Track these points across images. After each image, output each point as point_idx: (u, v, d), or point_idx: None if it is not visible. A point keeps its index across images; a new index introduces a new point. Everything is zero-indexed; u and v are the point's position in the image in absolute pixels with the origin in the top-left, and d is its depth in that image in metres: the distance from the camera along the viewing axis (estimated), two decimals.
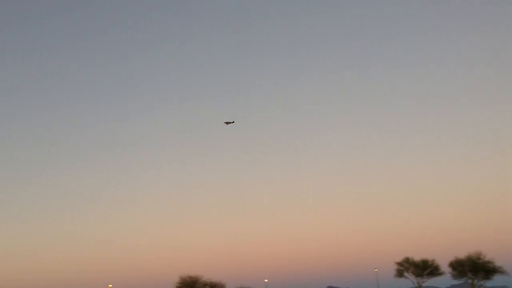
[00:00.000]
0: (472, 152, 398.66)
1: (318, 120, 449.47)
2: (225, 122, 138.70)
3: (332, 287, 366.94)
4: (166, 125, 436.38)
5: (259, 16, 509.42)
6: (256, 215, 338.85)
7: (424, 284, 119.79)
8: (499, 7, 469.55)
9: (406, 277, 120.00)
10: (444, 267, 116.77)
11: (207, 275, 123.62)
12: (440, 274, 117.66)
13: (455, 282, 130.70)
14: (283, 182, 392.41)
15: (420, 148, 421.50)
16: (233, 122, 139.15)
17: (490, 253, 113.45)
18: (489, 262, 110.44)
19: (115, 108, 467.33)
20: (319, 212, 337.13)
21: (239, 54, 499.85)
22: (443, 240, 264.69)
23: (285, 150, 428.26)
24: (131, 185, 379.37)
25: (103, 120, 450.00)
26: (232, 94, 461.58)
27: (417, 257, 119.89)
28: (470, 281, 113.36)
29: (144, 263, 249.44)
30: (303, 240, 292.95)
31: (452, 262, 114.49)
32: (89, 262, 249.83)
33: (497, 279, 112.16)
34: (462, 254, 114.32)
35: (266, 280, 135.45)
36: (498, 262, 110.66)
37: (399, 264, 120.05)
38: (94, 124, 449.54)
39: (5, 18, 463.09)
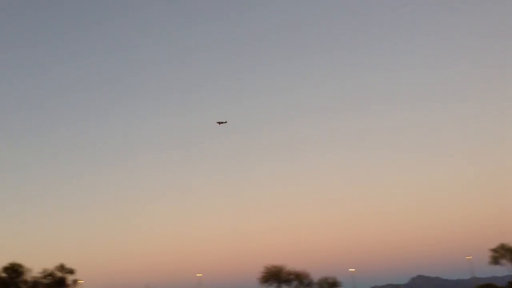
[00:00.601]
0: None
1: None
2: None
3: (422, 276, 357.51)
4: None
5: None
6: (343, 206, 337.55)
7: None
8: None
9: (502, 265, 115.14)
10: None
11: (291, 265, 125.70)
12: None
13: None
14: (364, 173, 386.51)
15: None
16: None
17: None
18: None
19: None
20: (409, 202, 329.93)
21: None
22: None
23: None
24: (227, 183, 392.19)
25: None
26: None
27: None
28: None
29: (231, 253, 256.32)
30: (391, 229, 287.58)
31: None
32: (180, 254, 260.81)
33: None
34: None
35: (352, 270, 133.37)
36: None
37: (494, 250, 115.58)
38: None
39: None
